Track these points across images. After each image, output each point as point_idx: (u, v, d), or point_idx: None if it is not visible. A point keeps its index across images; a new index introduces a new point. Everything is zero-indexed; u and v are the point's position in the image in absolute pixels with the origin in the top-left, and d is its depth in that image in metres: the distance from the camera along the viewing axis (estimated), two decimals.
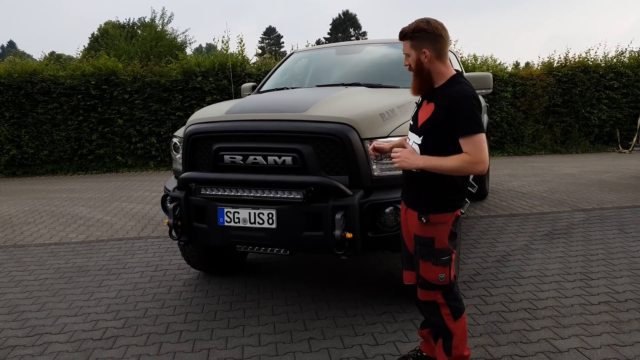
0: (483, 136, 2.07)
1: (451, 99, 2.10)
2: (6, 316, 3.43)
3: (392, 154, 2.25)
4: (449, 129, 2.11)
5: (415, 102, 2.45)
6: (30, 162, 11.00)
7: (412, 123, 2.34)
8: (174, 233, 3.22)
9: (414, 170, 2.23)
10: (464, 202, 2.29)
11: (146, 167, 11.29)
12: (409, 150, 2.21)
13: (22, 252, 4.95)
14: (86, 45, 28.58)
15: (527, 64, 17.19)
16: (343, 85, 4.11)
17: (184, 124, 3.59)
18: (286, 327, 3.14)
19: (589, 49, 13.17)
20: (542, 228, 5.28)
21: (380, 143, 2.71)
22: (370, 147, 2.69)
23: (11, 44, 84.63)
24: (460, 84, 2.17)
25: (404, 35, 2.19)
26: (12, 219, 6.43)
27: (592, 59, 13.02)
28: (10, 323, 3.31)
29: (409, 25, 2.21)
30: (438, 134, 2.15)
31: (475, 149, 2.05)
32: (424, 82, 2.21)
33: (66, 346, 2.97)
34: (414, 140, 2.25)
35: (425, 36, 2.16)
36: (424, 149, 2.19)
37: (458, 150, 2.10)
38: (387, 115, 3.12)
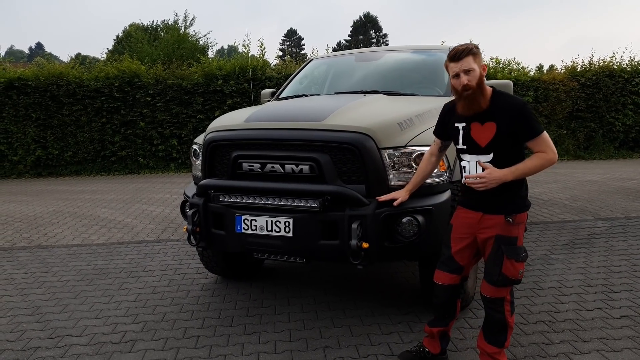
0: (546, 132, 2.35)
1: (510, 111, 2.32)
2: (29, 317, 3.51)
3: (478, 181, 2.39)
4: (514, 138, 2.35)
5: (457, 126, 2.50)
6: (55, 162, 11.26)
7: (465, 147, 2.47)
8: (192, 239, 3.26)
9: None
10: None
11: (167, 169, 11.45)
12: (488, 172, 2.35)
13: (46, 253, 5.07)
14: (110, 47, 29.18)
15: (551, 66, 16.93)
16: (362, 92, 4.10)
17: (205, 126, 3.63)
18: (302, 335, 3.15)
19: (614, 53, 12.93)
20: (563, 237, 5.19)
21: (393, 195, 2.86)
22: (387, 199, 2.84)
23: (39, 45, 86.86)
24: (504, 95, 2.40)
25: (470, 51, 2.34)
26: (37, 220, 6.60)
27: (618, 63, 12.76)
28: (33, 324, 3.39)
29: (463, 44, 2.37)
30: (507, 146, 2.37)
31: (547, 145, 2.33)
32: (483, 98, 2.36)
33: (86, 349, 3.04)
34: (481, 160, 2.41)
35: (480, 53, 2.38)
36: (496, 164, 2.37)
37: (520, 155, 2.39)
38: (405, 124, 3.11)
